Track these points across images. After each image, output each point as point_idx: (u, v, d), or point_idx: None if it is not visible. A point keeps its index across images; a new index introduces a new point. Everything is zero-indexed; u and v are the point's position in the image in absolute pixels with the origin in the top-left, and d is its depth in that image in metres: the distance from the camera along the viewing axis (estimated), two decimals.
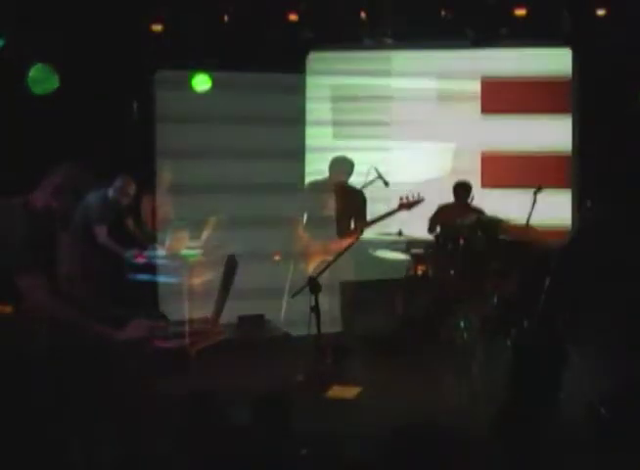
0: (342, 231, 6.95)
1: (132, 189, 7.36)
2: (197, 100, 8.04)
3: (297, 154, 8.52)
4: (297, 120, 8.50)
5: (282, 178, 7.95)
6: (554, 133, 8.43)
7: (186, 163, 7.81)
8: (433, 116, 8.58)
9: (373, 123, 8.54)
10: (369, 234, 7.22)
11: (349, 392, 6.33)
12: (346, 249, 6.10)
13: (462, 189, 7.72)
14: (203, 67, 7.98)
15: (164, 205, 7.89)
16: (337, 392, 6.31)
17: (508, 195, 8.12)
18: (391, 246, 7.64)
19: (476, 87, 8.57)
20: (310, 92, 8.70)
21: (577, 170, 8.45)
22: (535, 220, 6.77)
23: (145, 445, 4.79)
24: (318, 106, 8.71)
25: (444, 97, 8.58)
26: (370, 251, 7.67)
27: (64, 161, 4.48)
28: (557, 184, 8.20)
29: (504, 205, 7.59)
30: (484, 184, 8.45)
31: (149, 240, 7.60)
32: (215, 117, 7.87)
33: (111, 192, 7.29)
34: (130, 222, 7.69)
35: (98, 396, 4.81)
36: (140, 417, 5.04)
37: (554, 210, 7.89)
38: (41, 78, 7.19)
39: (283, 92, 8.12)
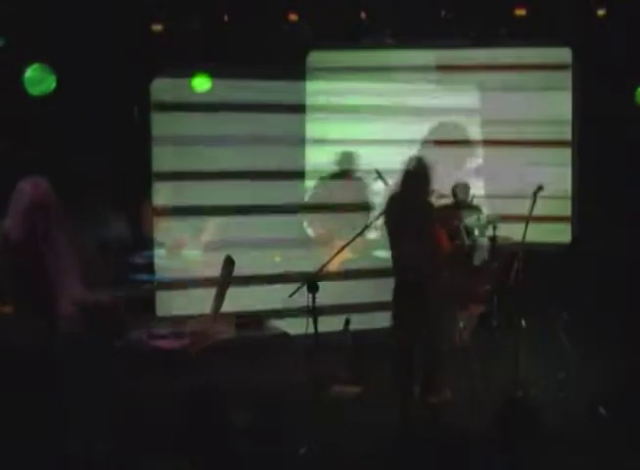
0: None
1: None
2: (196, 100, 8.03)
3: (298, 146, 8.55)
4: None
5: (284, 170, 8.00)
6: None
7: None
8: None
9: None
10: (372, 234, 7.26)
11: (349, 392, 6.35)
12: (344, 247, 6.16)
13: (460, 189, 7.73)
14: (201, 68, 7.95)
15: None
16: (336, 392, 6.32)
17: None
18: None
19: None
20: (310, 93, 8.68)
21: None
22: None
23: (144, 444, 4.81)
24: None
25: None
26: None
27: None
28: None
29: None
30: None
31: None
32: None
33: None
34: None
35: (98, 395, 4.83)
36: (140, 416, 5.06)
37: None
38: (38, 79, 7.15)
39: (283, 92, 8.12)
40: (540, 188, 6.52)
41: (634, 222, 7.77)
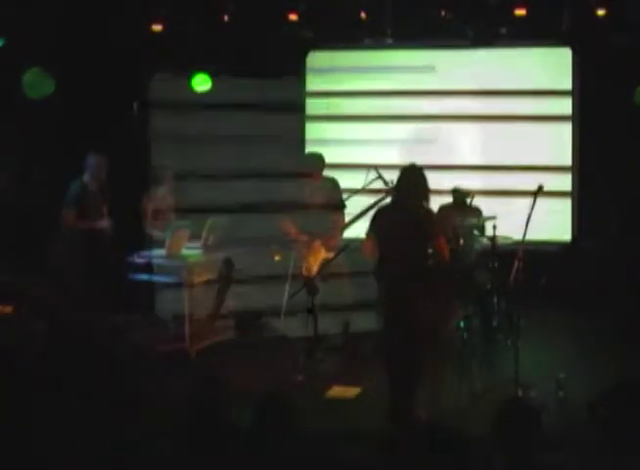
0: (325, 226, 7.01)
1: (103, 170, 7.13)
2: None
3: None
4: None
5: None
6: None
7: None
8: None
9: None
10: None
11: (349, 392, 6.35)
12: (343, 250, 6.13)
13: (459, 192, 7.70)
14: (201, 67, 7.97)
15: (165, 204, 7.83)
16: (336, 392, 6.33)
17: None
18: None
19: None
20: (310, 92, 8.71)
21: None
22: None
23: (145, 444, 4.82)
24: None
25: None
26: None
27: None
28: None
29: None
30: None
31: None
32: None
33: (85, 176, 7.12)
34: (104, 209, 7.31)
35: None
36: (140, 416, 5.07)
37: None
38: (37, 83, 7.14)
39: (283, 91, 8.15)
40: (540, 188, 6.43)
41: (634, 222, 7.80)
